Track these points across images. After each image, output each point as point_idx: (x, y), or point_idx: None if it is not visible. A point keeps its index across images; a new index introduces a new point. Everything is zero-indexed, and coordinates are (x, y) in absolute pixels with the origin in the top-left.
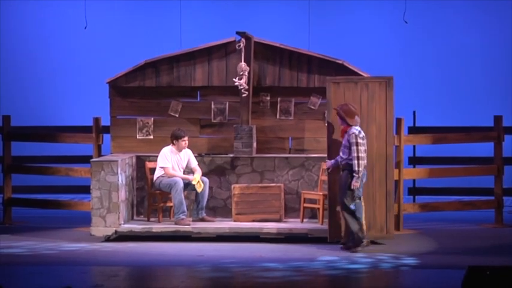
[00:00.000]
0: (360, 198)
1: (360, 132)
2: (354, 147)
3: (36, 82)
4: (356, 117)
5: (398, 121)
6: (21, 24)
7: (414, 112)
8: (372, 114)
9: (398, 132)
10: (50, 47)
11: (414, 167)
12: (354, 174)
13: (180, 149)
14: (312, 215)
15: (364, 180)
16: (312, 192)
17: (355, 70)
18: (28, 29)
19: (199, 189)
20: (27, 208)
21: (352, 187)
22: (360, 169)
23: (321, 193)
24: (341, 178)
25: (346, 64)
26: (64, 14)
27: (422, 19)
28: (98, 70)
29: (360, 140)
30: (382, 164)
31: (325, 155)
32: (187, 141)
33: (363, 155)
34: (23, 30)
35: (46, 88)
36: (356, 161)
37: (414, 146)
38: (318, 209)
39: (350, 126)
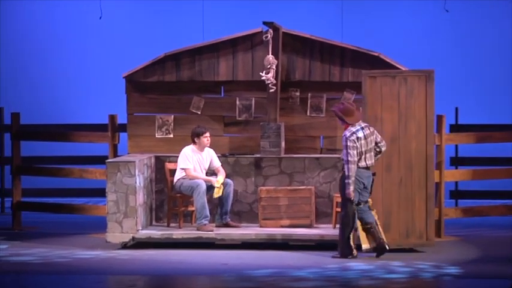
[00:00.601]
0: (363, 203)
1: (352, 133)
2: (343, 151)
3: (47, 77)
4: (357, 114)
5: (439, 118)
6: (30, 17)
7: (456, 109)
8: (410, 111)
9: (439, 130)
10: (61, 41)
11: (456, 168)
12: (346, 181)
13: (202, 147)
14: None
15: (365, 183)
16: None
17: (392, 63)
18: (38, 21)
19: (216, 195)
20: (37, 213)
21: (346, 195)
22: (351, 174)
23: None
24: (340, 180)
25: (382, 57)
26: (77, 3)
27: (465, 8)
28: (114, 64)
29: (349, 143)
30: (421, 164)
31: None
32: (209, 138)
33: (353, 158)
34: (32, 23)
35: (58, 84)
36: (346, 165)
37: (456, 146)
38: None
39: (349, 125)
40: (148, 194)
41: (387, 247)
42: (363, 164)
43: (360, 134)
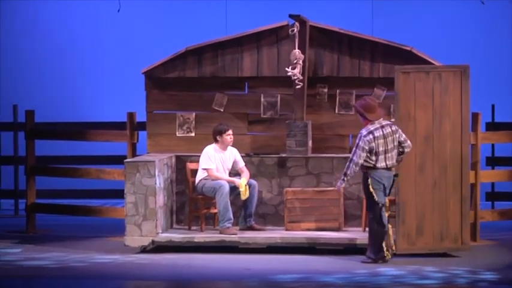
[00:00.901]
0: (382, 206)
1: (369, 133)
2: (354, 148)
3: (62, 73)
4: (379, 111)
5: (475, 116)
6: (45, 13)
7: (493, 106)
8: (445, 109)
9: (474, 129)
10: (77, 36)
11: (493, 168)
12: (342, 176)
13: (225, 146)
14: None
15: (385, 184)
16: None
17: (426, 58)
18: (52, 16)
19: (243, 196)
20: (53, 215)
21: (336, 187)
22: (348, 172)
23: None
24: (362, 182)
25: (414, 51)
26: None
27: (502, 1)
28: (133, 60)
29: (361, 143)
30: (456, 165)
31: None
32: (232, 136)
33: (358, 160)
34: (47, 19)
35: (74, 80)
36: (348, 163)
37: (493, 145)
38: None
39: (369, 121)
40: (169, 195)
41: (387, 258)
42: (382, 164)
43: (378, 133)
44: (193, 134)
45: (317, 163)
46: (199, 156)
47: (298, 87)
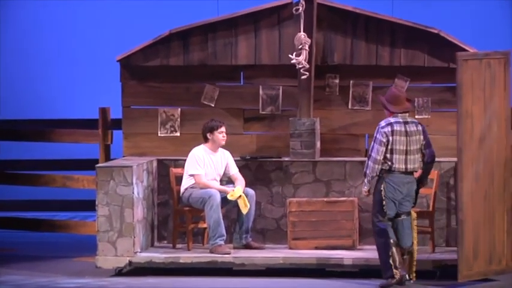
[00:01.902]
0: (404, 215)
1: (388, 125)
2: (372, 143)
3: (23, 61)
4: (406, 104)
5: None
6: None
7: None
8: (493, 104)
9: None
10: (41, 15)
11: None
12: (363, 179)
13: (216, 147)
14: None
15: (402, 190)
16: None
17: (457, 43)
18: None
19: (244, 209)
20: (12, 231)
21: (362, 194)
22: (368, 172)
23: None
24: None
25: (443, 34)
26: None
27: None
28: (107, 46)
29: (378, 136)
30: (500, 171)
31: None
32: (225, 133)
33: (377, 156)
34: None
35: (37, 69)
36: (367, 161)
37: None
38: None
39: (391, 114)
40: (149, 207)
41: (396, 277)
42: (400, 166)
43: (399, 127)
44: (178, 134)
45: (327, 168)
46: (185, 159)
47: (303, 77)
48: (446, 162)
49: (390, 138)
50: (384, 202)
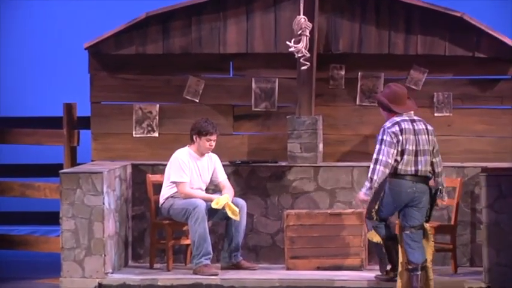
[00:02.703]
0: (415, 229)
1: (394, 124)
2: (377, 146)
3: None
4: (409, 103)
5: None
6: None
7: None
8: None
9: None
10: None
11: None
12: (366, 183)
13: (201, 153)
14: None
15: (405, 198)
16: None
17: (483, 28)
18: None
19: (235, 217)
20: None
21: (357, 199)
22: (374, 177)
23: (429, 224)
24: None
25: (466, 18)
26: None
27: None
28: (73, 32)
29: (386, 137)
30: None
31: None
32: (214, 142)
33: (385, 158)
34: None
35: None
36: (372, 165)
37: None
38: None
39: (395, 115)
40: (123, 220)
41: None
42: (409, 168)
43: (406, 126)
44: (156, 134)
45: (331, 175)
46: (164, 164)
47: (303, 68)
48: (470, 168)
49: (400, 137)
50: (377, 206)
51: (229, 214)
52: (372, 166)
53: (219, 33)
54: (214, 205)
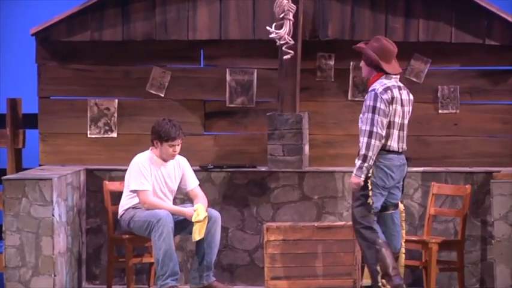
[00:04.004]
0: (392, 208)
1: (386, 89)
2: (366, 115)
3: None
4: (395, 63)
5: None
6: None
7: None
8: None
9: None
10: None
11: None
12: (356, 162)
13: (165, 158)
14: (415, 278)
15: (395, 176)
16: (414, 238)
17: (495, 11)
18: None
19: (196, 236)
20: None
21: (351, 184)
22: (369, 154)
23: (431, 239)
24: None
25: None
26: None
27: None
28: (21, 17)
29: (379, 104)
30: None
31: (442, 169)
32: (178, 147)
33: (379, 130)
34: None
35: None
36: (363, 138)
37: None
38: (424, 268)
39: (381, 75)
40: (75, 235)
41: None
42: (392, 144)
43: (396, 94)
44: (115, 135)
45: (318, 182)
46: (124, 170)
47: (286, 57)
48: (481, 174)
49: (390, 107)
50: (371, 193)
51: (195, 229)
52: (364, 140)
53: (187, 16)
54: (194, 218)
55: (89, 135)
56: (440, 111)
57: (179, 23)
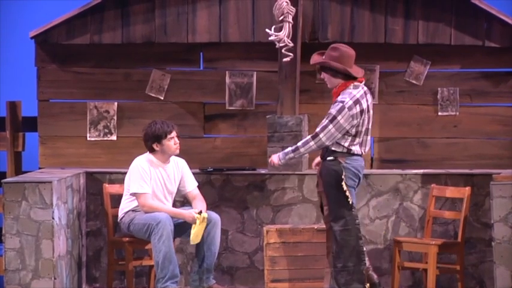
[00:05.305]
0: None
1: (356, 102)
2: (324, 120)
3: None
4: (354, 65)
5: None
6: None
7: None
8: None
9: None
10: None
11: None
12: (288, 149)
13: (167, 157)
14: (415, 280)
15: (361, 177)
16: (415, 240)
17: (495, 13)
18: None
19: (195, 239)
20: None
21: (271, 161)
22: (301, 151)
23: (431, 241)
24: (322, 175)
25: (475, 1)
26: None
27: None
28: (21, 20)
29: (341, 119)
30: None
31: (442, 171)
32: (177, 139)
33: (327, 141)
34: None
35: None
36: (309, 137)
37: None
38: (424, 270)
39: (349, 83)
40: (75, 237)
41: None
42: (357, 149)
43: (364, 104)
44: (114, 138)
45: None
46: (124, 172)
47: (286, 60)
48: (480, 176)
49: (357, 120)
50: (348, 192)
51: (194, 232)
52: (309, 138)
53: (187, 19)
54: (199, 221)
55: (88, 138)
56: (440, 113)
57: (179, 25)
